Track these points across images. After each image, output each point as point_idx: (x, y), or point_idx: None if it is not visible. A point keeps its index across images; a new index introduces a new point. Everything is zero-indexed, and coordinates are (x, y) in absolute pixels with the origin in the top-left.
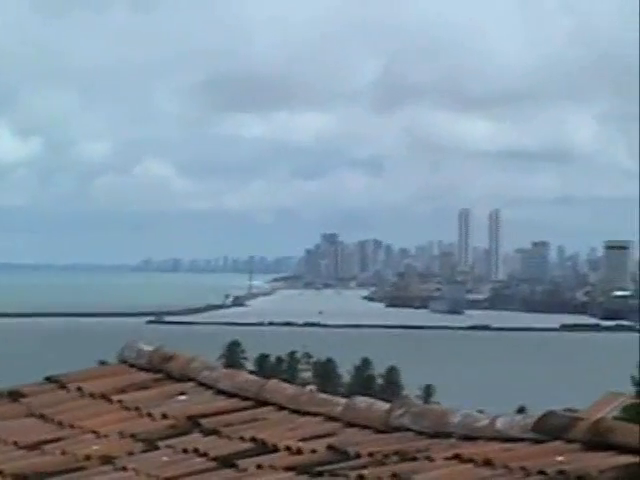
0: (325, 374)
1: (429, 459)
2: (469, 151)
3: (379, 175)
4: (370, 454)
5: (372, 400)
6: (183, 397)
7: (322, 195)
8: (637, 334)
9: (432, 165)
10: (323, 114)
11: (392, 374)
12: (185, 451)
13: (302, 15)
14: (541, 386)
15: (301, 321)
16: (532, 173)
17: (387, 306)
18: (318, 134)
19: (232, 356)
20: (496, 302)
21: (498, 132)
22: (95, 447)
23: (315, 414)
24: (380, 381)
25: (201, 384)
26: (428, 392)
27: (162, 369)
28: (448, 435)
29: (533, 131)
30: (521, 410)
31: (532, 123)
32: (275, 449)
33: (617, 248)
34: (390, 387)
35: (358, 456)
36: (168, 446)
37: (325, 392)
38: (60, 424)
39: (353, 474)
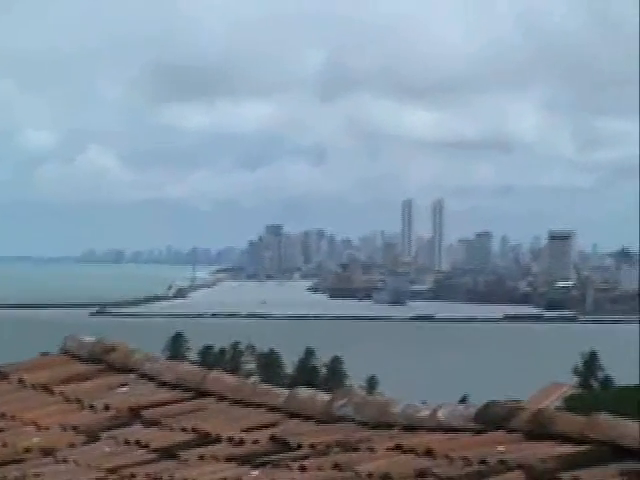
0: (268, 365)
1: (371, 449)
2: (412, 140)
3: (322, 164)
4: (312, 445)
5: (314, 391)
6: (125, 388)
7: (265, 185)
8: (579, 324)
9: (375, 154)
10: (266, 103)
11: (336, 365)
12: (127, 442)
13: (246, 3)
14: (484, 376)
15: (244, 312)
16: (475, 162)
17: (330, 297)
18: (261, 123)
19: (175, 348)
20: (439, 293)
21: (440, 121)
22: (36, 439)
23: (257, 405)
24: (324, 372)
25: (143, 375)
26: (371, 383)
27: (104, 360)
28: (390, 425)
29: (475, 120)
30: (463, 400)
31: (474, 112)
32: (217, 440)
33: (559, 238)
34: (334, 378)
35: (300, 447)
36: (110, 437)
37: (268, 383)
38: (2, 416)
39: (295, 465)
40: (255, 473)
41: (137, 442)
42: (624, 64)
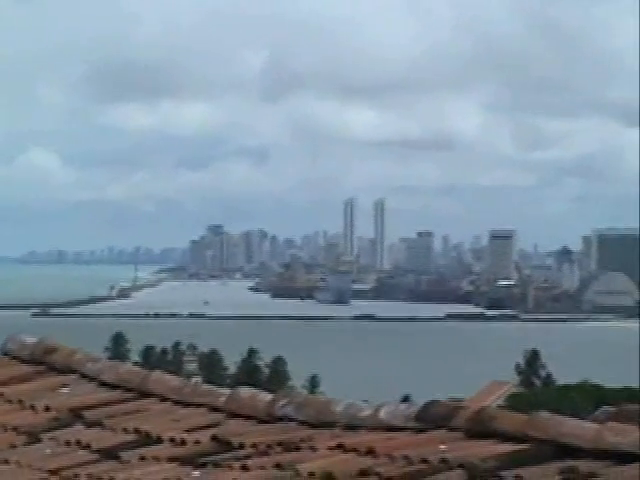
0: (211, 365)
1: (312, 449)
2: (354, 140)
3: (265, 165)
4: (253, 444)
5: (256, 390)
6: (66, 389)
7: (208, 185)
8: (521, 323)
9: (317, 154)
10: (209, 104)
11: (278, 364)
12: (68, 443)
13: (188, 4)
14: (426, 375)
15: (186, 312)
16: (417, 162)
17: (273, 297)
18: (204, 124)
19: (117, 348)
20: (381, 292)
21: (383, 121)
22: None
23: (199, 405)
24: (266, 372)
25: (84, 376)
26: (313, 382)
27: (45, 361)
28: (331, 425)
29: (417, 120)
30: (406, 399)
31: (416, 112)
32: (158, 440)
33: (501, 237)
34: (276, 377)
35: (242, 446)
36: (51, 438)
37: (211, 383)
38: None
39: (237, 464)
40: (197, 473)
41: (78, 443)
42: (562, 66)
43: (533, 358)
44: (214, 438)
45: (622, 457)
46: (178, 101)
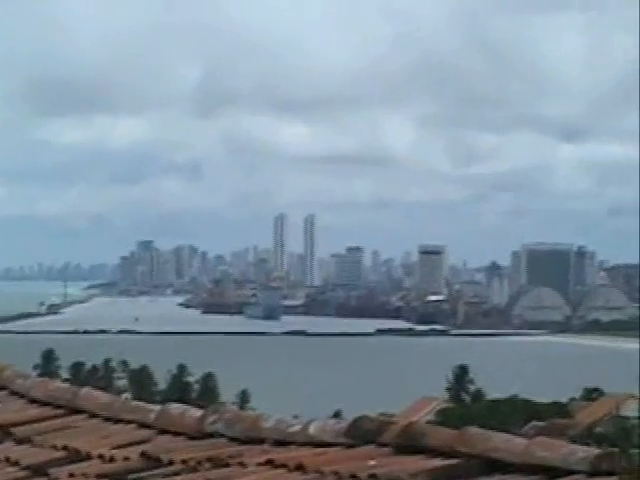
0: (141, 381)
1: (242, 465)
2: (287, 155)
3: (197, 180)
4: (183, 461)
5: (186, 407)
6: None
7: (139, 201)
8: (451, 338)
9: (250, 170)
10: (143, 119)
11: (208, 380)
12: None
13: (122, 19)
14: (357, 391)
15: (117, 329)
16: (349, 178)
17: (203, 312)
18: (137, 139)
19: (47, 365)
20: (312, 307)
21: (317, 136)
22: None
23: (128, 421)
24: (197, 388)
25: (13, 393)
26: (244, 398)
27: None
28: (261, 441)
29: (352, 135)
30: (337, 415)
31: (351, 127)
32: (88, 457)
33: (431, 253)
34: (206, 393)
35: (171, 463)
36: None
37: (140, 400)
38: None
39: None
40: None
41: (7, 459)
42: (497, 81)
43: (462, 373)
44: (143, 454)
45: (551, 472)
46: (112, 116)
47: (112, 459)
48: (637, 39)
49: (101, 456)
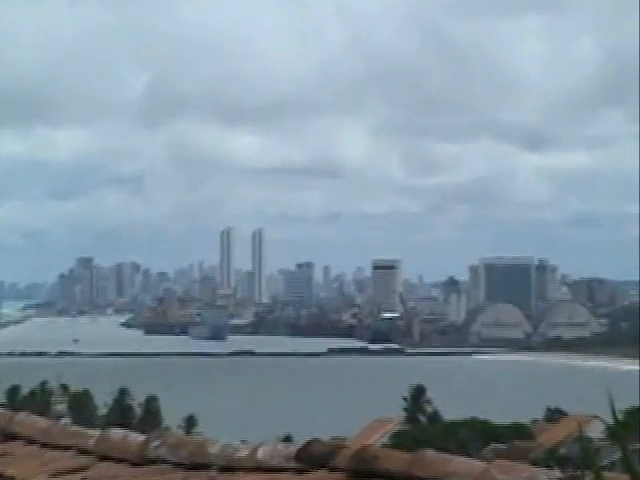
0: (81, 406)
1: None
2: (236, 166)
3: (140, 194)
4: None
5: (128, 431)
6: None
7: (79, 215)
8: (406, 357)
9: (196, 182)
10: (85, 129)
11: (151, 404)
12: None
13: (63, 22)
14: (308, 413)
15: (55, 350)
16: (299, 190)
17: (146, 333)
18: (79, 151)
19: None
20: (260, 326)
21: (267, 146)
22: None
23: (67, 447)
24: (139, 412)
25: None
26: (190, 422)
27: None
28: (207, 466)
29: (303, 145)
30: (287, 439)
31: (303, 137)
32: None
33: (384, 268)
34: (150, 418)
35: None
36: None
37: (80, 424)
38: None
39: None
40: None
41: None
42: (456, 87)
43: (418, 394)
44: None
45: None
46: (53, 126)
47: None
48: (598, 41)
49: None
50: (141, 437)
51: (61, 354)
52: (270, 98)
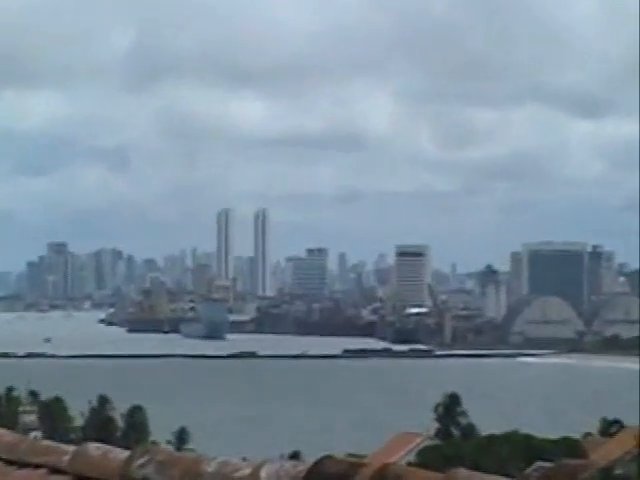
0: (53, 416)
1: None
2: (237, 138)
3: (124, 170)
4: None
5: (108, 447)
6: None
7: (52, 194)
8: (436, 360)
9: (190, 156)
10: (60, 94)
11: (136, 415)
12: None
13: None
14: (320, 426)
15: (23, 351)
16: (312, 164)
17: (130, 331)
18: (53, 119)
19: None
20: (264, 323)
21: (273, 114)
22: None
23: (37, 466)
24: (122, 424)
25: None
26: (181, 436)
27: None
28: None
29: (316, 113)
30: (294, 456)
31: (315, 103)
32: None
33: (410, 255)
34: (134, 431)
35: None
36: None
37: (52, 439)
38: None
39: None
40: None
41: None
42: (495, 46)
43: (451, 403)
44: None
45: None
46: (23, 90)
47: None
48: None
49: None
50: (124, 454)
51: (30, 355)
52: (279, 59)
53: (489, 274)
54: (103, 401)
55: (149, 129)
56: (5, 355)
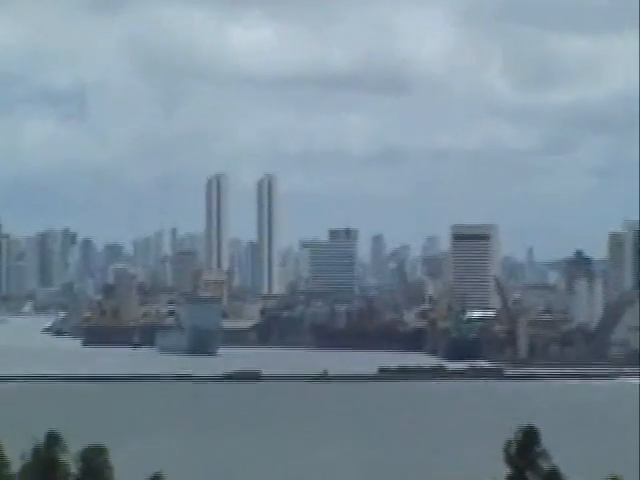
0: None
1: None
2: (234, 76)
3: (80, 120)
4: None
5: None
6: None
7: None
8: (506, 382)
9: (170, 101)
10: None
11: (95, 458)
12: None
13: None
14: (348, 472)
15: None
16: (336, 112)
17: (86, 343)
18: None
19: None
20: (271, 333)
21: (285, 43)
22: None
23: None
24: (75, 470)
25: None
26: None
27: None
28: None
29: (344, 42)
30: None
31: (342, 28)
32: None
33: (471, 238)
34: (90, 478)
35: None
36: None
37: None
38: None
39: None
40: None
41: None
42: None
43: (528, 441)
44: None
45: None
46: None
47: None
48: None
49: None
50: None
51: None
52: None
53: (579, 263)
54: (51, 439)
55: (116, 64)
56: None
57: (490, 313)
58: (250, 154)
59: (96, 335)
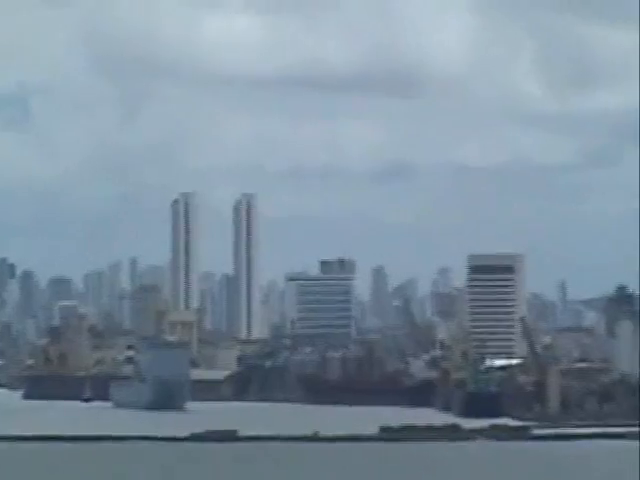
0: None
1: None
2: (210, 74)
3: (23, 127)
4: None
5: None
6: None
7: None
8: (536, 443)
9: (132, 104)
10: None
11: None
12: None
13: None
14: None
15: None
16: (332, 118)
17: (27, 396)
18: None
19: None
20: (250, 384)
21: (275, 38)
22: None
23: None
24: None
25: None
26: None
27: None
28: None
29: (343, 36)
30: None
31: (342, 21)
32: None
33: (492, 270)
34: None
35: None
36: None
37: None
38: None
39: None
40: None
41: None
42: None
43: None
44: None
45: None
46: None
47: None
48: None
49: None
50: None
51: None
52: None
53: (621, 301)
54: None
55: (69, 59)
56: None
57: (514, 361)
58: (226, 169)
59: (39, 387)
